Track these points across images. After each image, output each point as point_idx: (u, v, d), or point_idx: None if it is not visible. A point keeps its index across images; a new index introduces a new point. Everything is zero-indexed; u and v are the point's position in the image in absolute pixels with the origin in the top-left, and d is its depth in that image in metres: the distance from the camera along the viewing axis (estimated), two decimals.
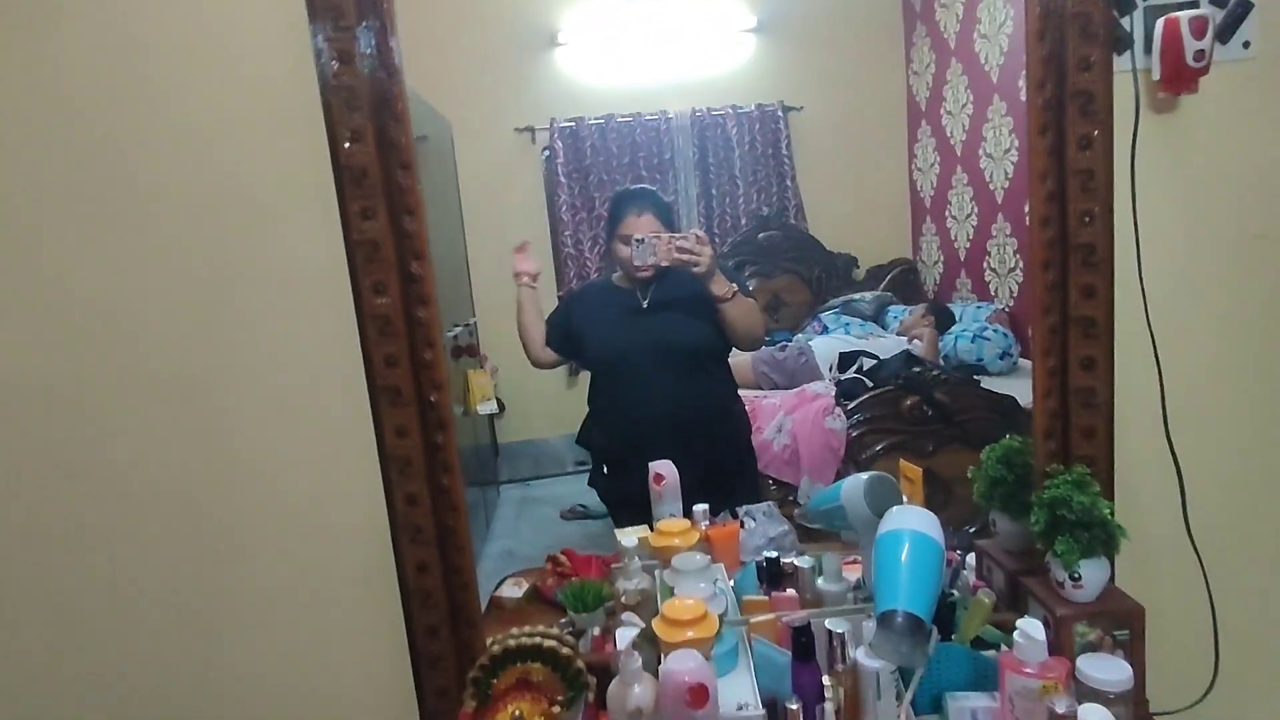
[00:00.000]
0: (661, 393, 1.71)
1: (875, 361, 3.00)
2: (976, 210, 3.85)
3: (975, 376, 2.99)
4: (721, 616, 1.10)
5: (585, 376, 2.01)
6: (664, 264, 1.64)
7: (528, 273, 1.90)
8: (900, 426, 2.67)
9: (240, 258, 1.11)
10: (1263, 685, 1.24)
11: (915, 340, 3.27)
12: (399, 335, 1.08)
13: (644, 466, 1.61)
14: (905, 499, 1.37)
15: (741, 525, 1.51)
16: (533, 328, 1.87)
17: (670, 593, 1.17)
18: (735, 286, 1.69)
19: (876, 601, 1.00)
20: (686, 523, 1.33)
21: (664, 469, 1.47)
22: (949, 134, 4.00)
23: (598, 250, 4.43)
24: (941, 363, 3.27)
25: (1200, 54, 1.06)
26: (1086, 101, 1.04)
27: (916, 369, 2.72)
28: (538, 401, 4.34)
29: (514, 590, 1.54)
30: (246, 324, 1.12)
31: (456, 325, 3.46)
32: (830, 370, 3.10)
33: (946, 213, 4.10)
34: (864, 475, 1.20)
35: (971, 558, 1.29)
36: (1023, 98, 3.43)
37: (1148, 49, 1.09)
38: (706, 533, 1.46)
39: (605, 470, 1.83)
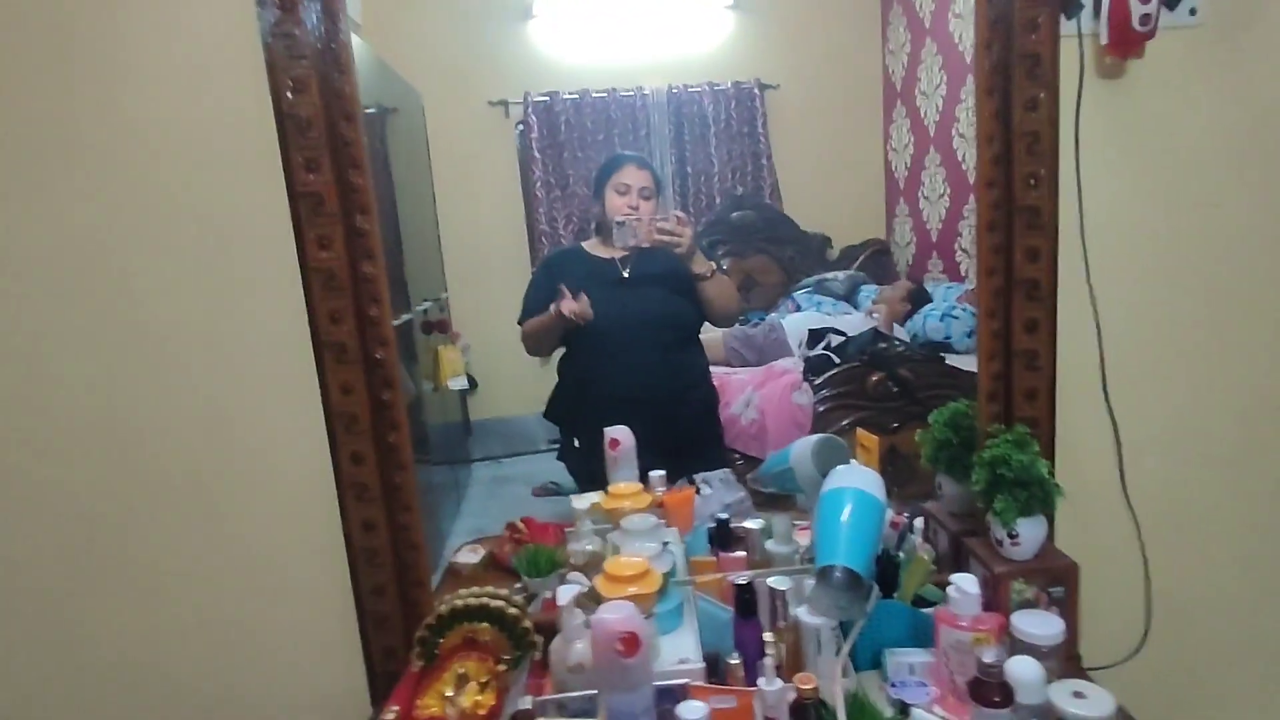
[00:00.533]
0: (639, 365, 1.71)
1: (843, 338, 3.03)
2: (949, 191, 3.88)
3: (941, 354, 3.03)
4: (668, 575, 1.11)
5: (556, 353, 1.97)
6: (645, 245, 1.65)
7: (578, 314, 1.71)
8: (865, 402, 2.69)
9: (179, 206, 1.08)
10: (1192, 642, 1.27)
11: (873, 314, 3.29)
12: (344, 290, 1.07)
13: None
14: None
15: (697, 491, 1.52)
16: (557, 343, 1.80)
17: (617, 553, 1.18)
18: (714, 265, 1.72)
19: (816, 557, 1.01)
20: (639, 486, 1.34)
21: (619, 434, 1.47)
22: (923, 114, 4.01)
23: (571, 228, 4.40)
24: (909, 340, 3.30)
25: (1146, 18, 1.07)
26: (1033, 64, 1.05)
27: (882, 345, 2.74)
28: (511, 379, 4.33)
29: (471, 556, 1.54)
30: (185, 274, 1.09)
31: (427, 300, 3.43)
32: (799, 347, 3.12)
33: (919, 193, 4.12)
34: (813, 437, 1.21)
35: (920, 521, 1.31)
36: None
37: (1096, 13, 1.10)
38: (661, 497, 1.47)
39: (576, 444, 1.81)
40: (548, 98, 4.10)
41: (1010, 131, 1.07)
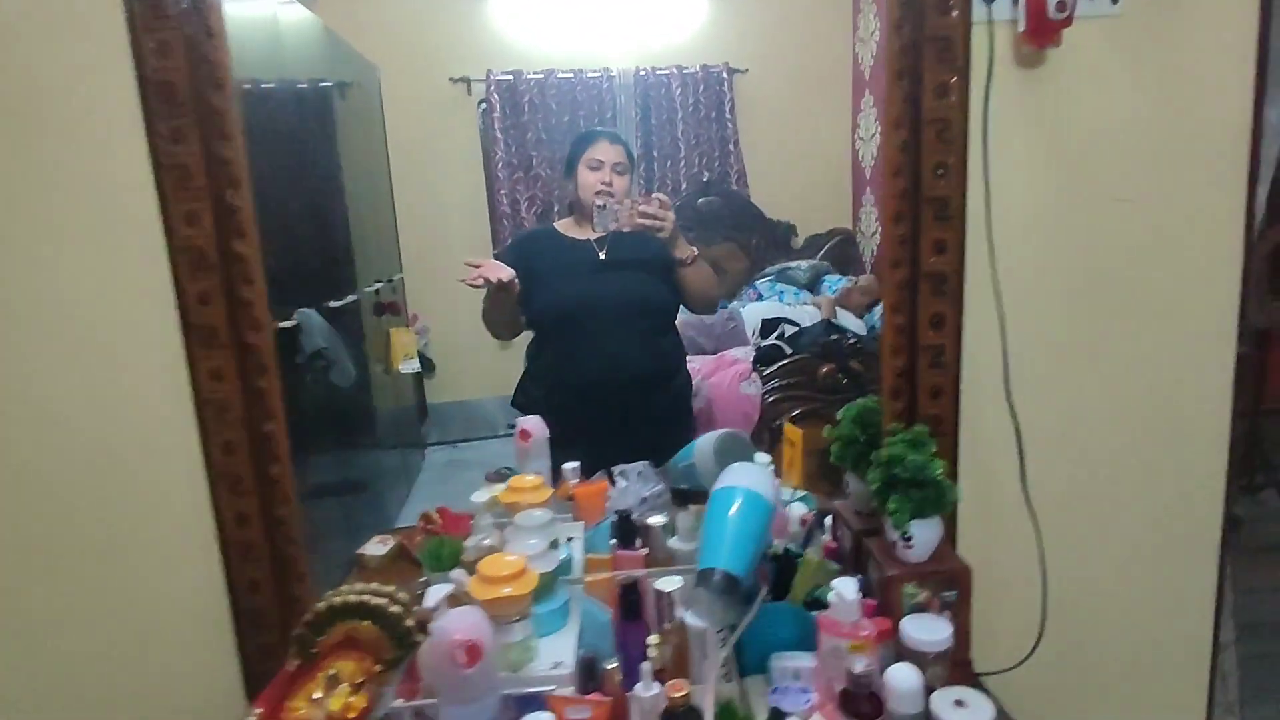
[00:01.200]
0: (614, 352, 1.65)
1: (796, 329, 2.99)
2: None
3: None
4: (553, 574, 1.07)
5: (521, 339, 1.89)
6: (626, 229, 1.59)
7: (507, 282, 1.59)
8: (814, 394, 2.66)
9: (33, 177, 1.01)
10: (1086, 648, 1.25)
11: (812, 305, 3.26)
12: (214, 270, 1.01)
13: (589, 429, 1.59)
14: (761, 459, 1.35)
15: (613, 483, 1.48)
16: (514, 315, 1.70)
17: (501, 550, 1.14)
18: (695, 251, 1.66)
19: (700, 558, 0.97)
20: (538, 479, 1.29)
21: (531, 425, 1.42)
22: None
23: (535, 210, 4.32)
24: (866, 333, 3.28)
25: (1063, 5, 1.02)
26: (944, 47, 1.00)
27: (834, 337, 2.71)
28: (470, 362, 4.26)
29: (379, 548, 1.49)
30: (41, 251, 1.02)
31: (379, 281, 3.36)
32: (753, 336, 3.09)
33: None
34: (717, 432, 1.16)
35: (830, 519, 1.27)
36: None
37: None
38: (572, 490, 1.43)
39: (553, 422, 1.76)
40: (511, 76, 4.01)
41: (919, 118, 1.02)
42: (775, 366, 2.64)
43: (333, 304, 2.59)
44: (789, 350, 2.81)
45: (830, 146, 4.36)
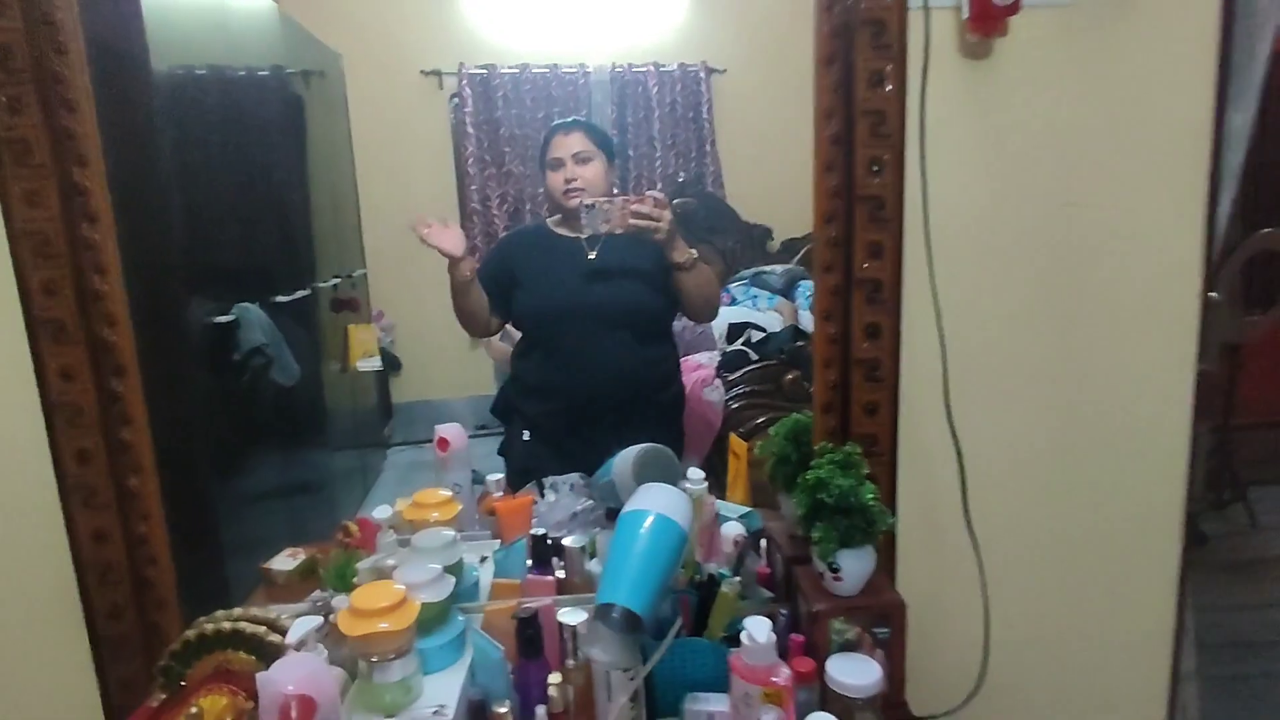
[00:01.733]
0: (602, 360, 1.52)
1: (763, 334, 2.89)
2: None
3: None
4: (445, 604, 0.96)
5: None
6: (618, 231, 1.41)
7: (450, 254, 1.45)
8: (780, 402, 2.55)
9: None
10: (1033, 688, 1.14)
11: (775, 311, 3.16)
12: (59, 258, 0.89)
13: (572, 440, 1.48)
14: (694, 476, 1.25)
15: (542, 495, 1.37)
16: (475, 306, 1.54)
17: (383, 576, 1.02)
18: (695, 253, 1.51)
19: (599, 590, 0.86)
20: (444, 495, 1.18)
21: (450, 433, 1.31)
22: None
23: (506, 208, 4.20)
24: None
25: None
26: (878, 31, 0.90)
27: (801, 343, 2.61)
28: (438, 361, 4.13)
29: (287, 563, 1.37)
30: None
31: (337, 276, 3.24)
32: (719, 340, 2.98)
33: None
34: (638, 447, 1.05)
35: (765, 542, 1.16)
36: None
37: None
38: (493, 504, 1.32)
39: (526, 437, 1.60)
40: (485, 70, 3.89)
41: (852, 109, 0.92)
42: (740, 373, 2.53)
43: (280, 299, 2.47)
44: (755, 356, 2.71)
45: (808, 150, 4.25)
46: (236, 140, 2.30)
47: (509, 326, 1.67)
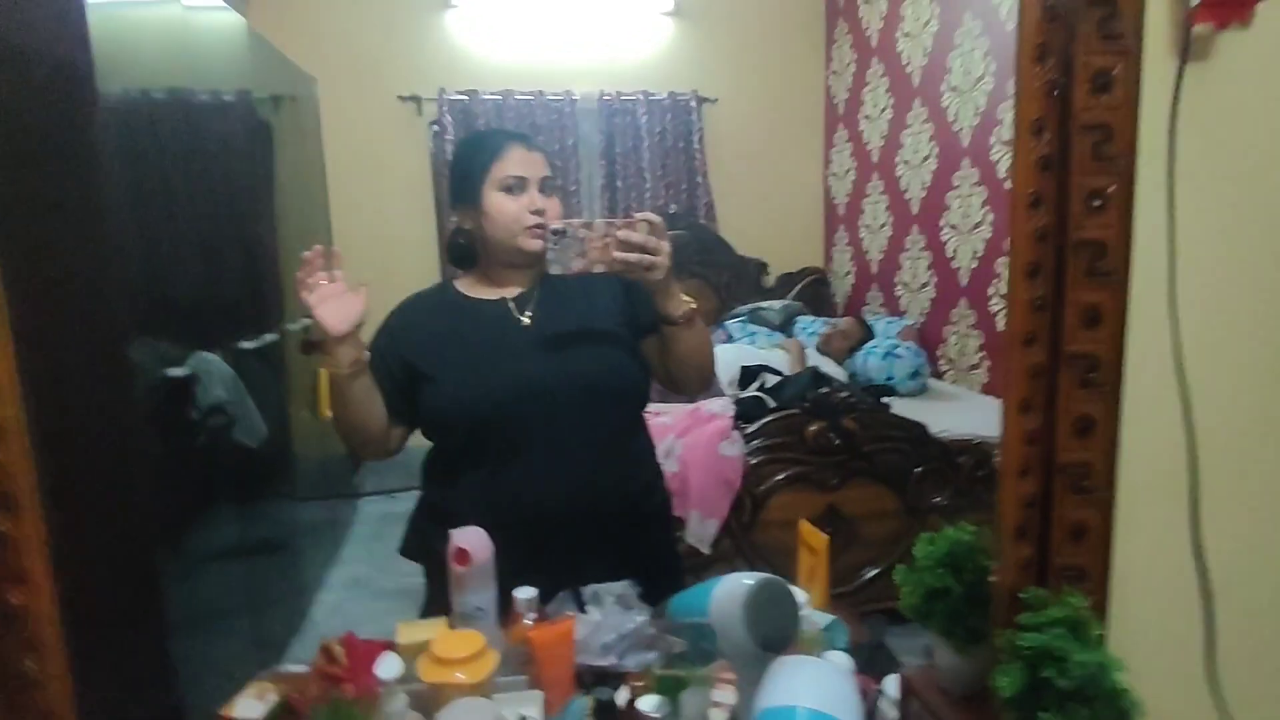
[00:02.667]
0: (550, 471, 1.06)
1: (779, 378, 2.62)
2: (891, 220, 3.53)
3: (884, 399, 2.65)
4: None
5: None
6: (598, 269, 1.00)
7: (329, 329, 0.99)
8: (804, 455, 2.28)
9: None
10: None
11: (780, 350, 2.90)
12: None
13: (516, 582, 0.97)
14: (816, 622, 0.95)
15: (582, 610, 1.05)
16: (363, 415, 1.06)
17: None
18: (694, 303, 1.06)
19: None
20: (476, 641, 0.86)
21: (470, 540, 0.99)
22: (865, 139, 3.67)
23: (456, 225, 3.91)
24: (848, 380, 2.93)
25: None
26: (1108, 15, 0.64)
27: (824, 389, 2.34)
28: None
29: (254, 708, 1.02)
30: None
31: (307, 316, 2.88)
32: (730, 385, 2.70)
33: (860, 222, 3.78)
34: (745, 582, 0.75)
35: (894, 685, 0.87)
36: (943, 102, 3.10)
37: None
38: (525, 632, 1.00)
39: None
40: (466, 96, 3.59)
41: (1069, 122, 0.65)
42: (759, 424, 2.25)
43: (245, 344, 2.12)
44: (772, 403, 2.43)
45: (802, 182, 4.05)
46: (197, 169, 1.97)
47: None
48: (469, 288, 1.16)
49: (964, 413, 2.60)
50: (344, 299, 1.01)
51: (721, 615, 0.76)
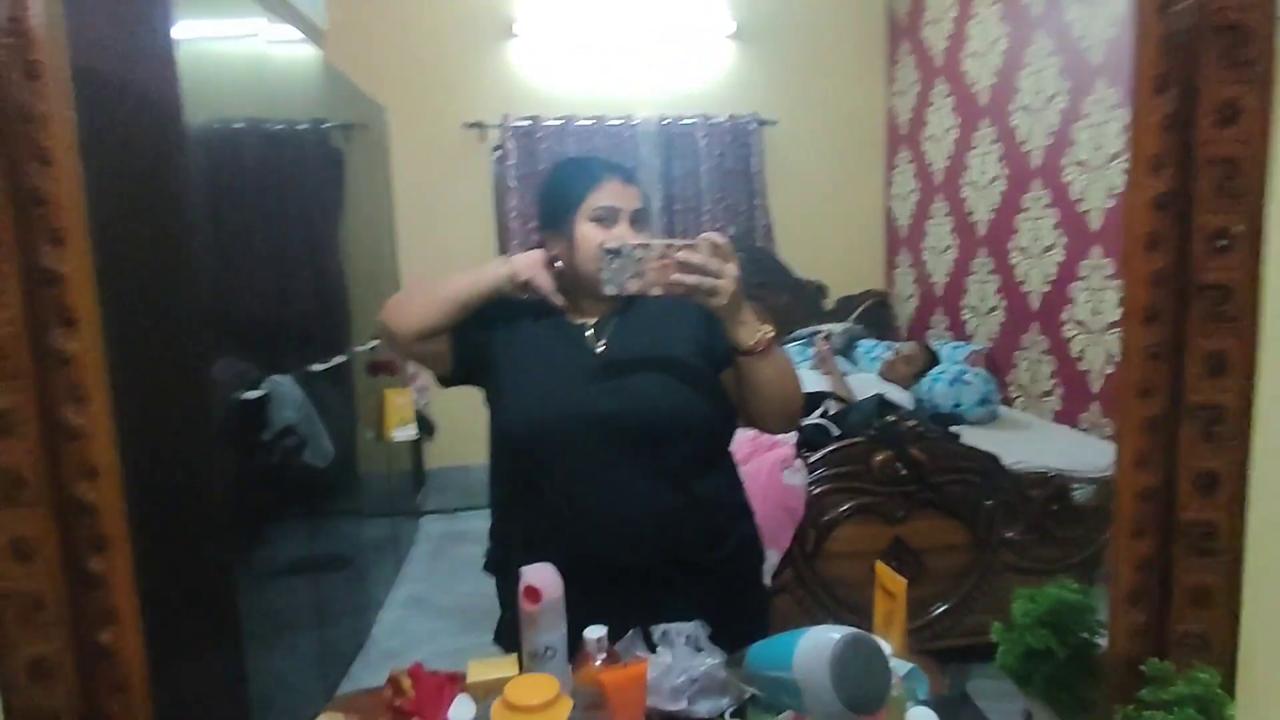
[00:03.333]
0: (631, 507, 1.02)
1: (843, 405, 2.55)
2: (956, 243, 3.43)
3: (952, 427, 2.56)
4: None
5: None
6: (655, 291, 0.96)
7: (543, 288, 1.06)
8: (869, 486, 2.20)
9: None
10: None
11: (817, 370, 2.81)
12: (23, 379, 0.58)
13: (592, 619, 0.94)
14: (882, 642, 0.90)
15: (652, 650, 1.02)
16: (445, 291, 1.06)
17: None
18: (770, 330, 1.00)
19: None
20: (550, 687, 0.84)
21: (542, 580, 0.97)
22: (929, 160, 3.58)
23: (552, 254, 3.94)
24: (914, 407, 2.84)
25: None
26: (1236, 42, 0.59)
27: (891, 418, 2.27)
28: (473, 423, 3.78)
29: None
30: None
31: (375, 338, 2.95)
32: None
33: (923, 244, 3.68)
34: (833, 636, 0.72)
35: None
36: (1013, 122, 3.00)
37: None
38: (596, 674, 0.97)
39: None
40: (529, 122, 3.65)
41: (1191, 156, 0.60)
42: (822, 453, 2.19)
43: (316, 367, 2.17)
44: (836, 431, 2.37)
45: (863, 203, 3.98)
46: (274, 197, 2.03)
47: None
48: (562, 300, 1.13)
49: (1036, 443, 2.49)
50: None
51: (806, 671, 0.72)
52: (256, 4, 1.90)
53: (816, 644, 0.72)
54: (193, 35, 1.52)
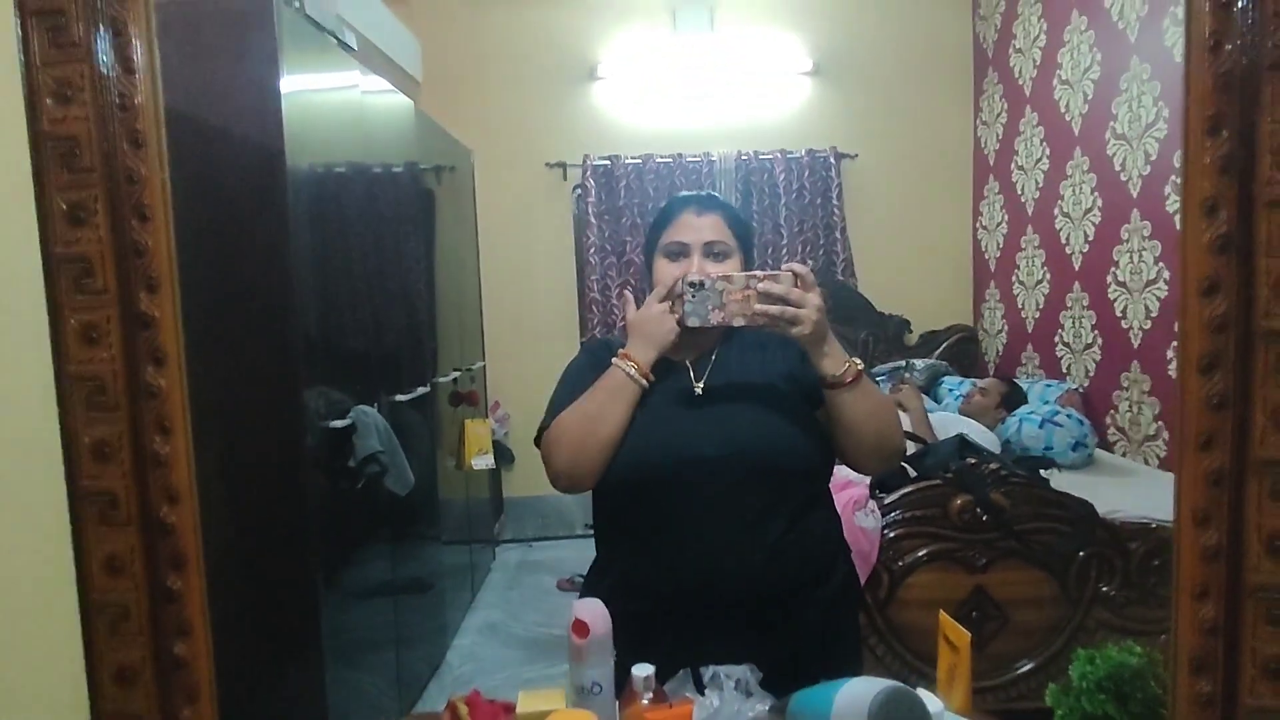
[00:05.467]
0: (721, 546, 1.02)
1: (921, 445, 2.47)
2: (1049, 276, 3.28)
3: (1043, 471, 2.42)
4: None
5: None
6: (737, 322, 0.97)
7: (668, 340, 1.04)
8: (947, 531, 2.11)
9: None
10: None
11: (898, 406, 2.69)
12: (118, 412, 0.65)
13: (684, 657, 0.95)
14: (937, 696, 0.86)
15: (700, 692, 1.02)
16: (610, 425, 1.02)
17: None
18: (859, 363, 1.01)
19: None
20: None
21: (590, 615, 0.98)
22: (1019, 190, 3.46)
23: (640, 298, 4.01)
24: (1001, 449, 2.71)
25: None
26: None
27: (971, 460, 2.18)
28: None
29: None
30: None
31: (457, 370, 3.07)
32: None
33: (1014, 277, 3.54)
34: (872, 688, 0.70)
35: None
36: (1109, 151, 2.87)
37: None
38: (644, 714, 0.97)
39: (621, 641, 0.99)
40: (609, 161, 3.76)
41: (1251, 197, 0.58)
42: (898, 495, 2.12)
43: (400, 397, 2.28)
44: (913, 473, 2.29)
45: (949, 236, 3.87)
46: (370, 237, 2.17)
47: None
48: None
49: (1137, 491, 2.33)
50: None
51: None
52: (352, 58, 2.05)
53: (856, 696, 0.70)
54: (297, 88, 1.66)
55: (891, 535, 2.09)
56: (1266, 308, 0.58)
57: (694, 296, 0.97)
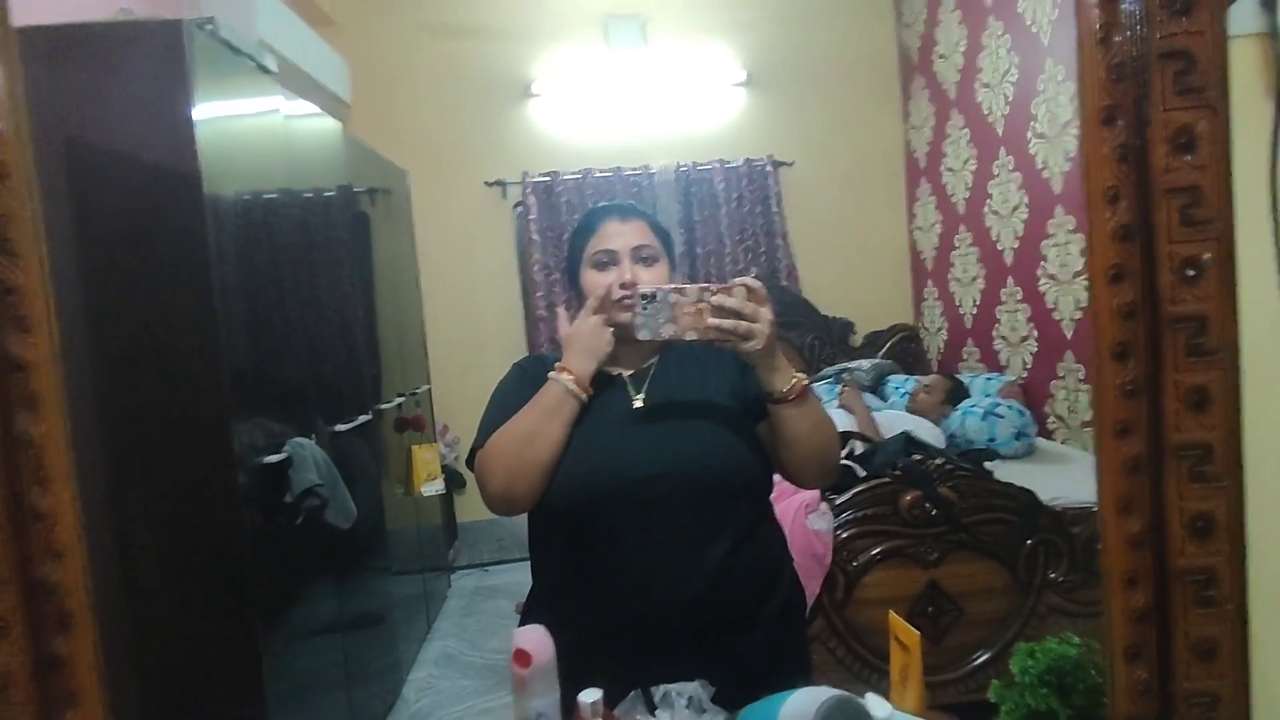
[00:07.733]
0: (668, 565, 0.98)
1: (868, 445, 2.49)
2: (983, 273, 3.36)
3: (986, 463, 2.47)
4: None
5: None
6: (690, 337, 0.94)
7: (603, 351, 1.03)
8: (898, 528, 2.13)
9: None
10: None
11: (843, 408, 2.73)
12: None
13: (629, 680, 0.94)
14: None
15: (651, 713, 0.99)
16: (555, 452, 0.99)
17: None
18: (804, 378, 0.98)
19: None
20: None
21: (532, 643, 0.95)
22: (950, 191, 3.54)
23: (573, 314, 3.98)
24: (946, 442, 2.75)
25: None
26: (1184, 69, 0.57)
27: (917, 456, 2.20)
28: None
29: None
30: None
31: (401, 395, 3.00)
32: None
33: (950, 276, 3.62)
34: (819, 699, 0.68)
35: None
36: (1030, 149, 2.96)
37: None
38: None
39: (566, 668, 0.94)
40: (548, 178, 3.73)
41: (1147, 186, 0.58)
42: (848, 494, 2.13)
43: (340, 427, 2.21)
44: (862, 472, 2.31)
45: (886, 238, 3.95)
46: (302, 264, 2.10)
47: None
48: None
49: (1077, 476, 2.39)
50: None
51: None
52: (274, 82, 1.99)
53: (801, 708, 0.68)
54: (212, 114, 1.59)
55: (844, 535, 2.10)
56: (1172, 294, 0.58)
57: (645, 309, 0.93)
